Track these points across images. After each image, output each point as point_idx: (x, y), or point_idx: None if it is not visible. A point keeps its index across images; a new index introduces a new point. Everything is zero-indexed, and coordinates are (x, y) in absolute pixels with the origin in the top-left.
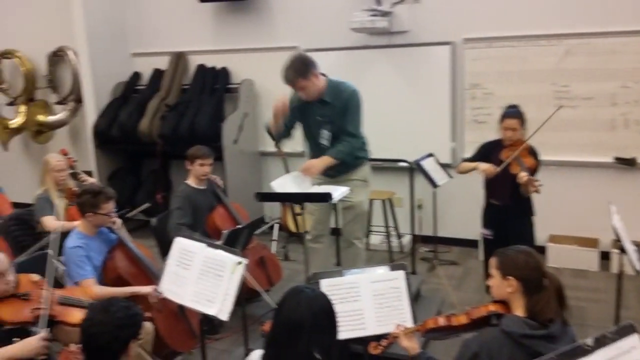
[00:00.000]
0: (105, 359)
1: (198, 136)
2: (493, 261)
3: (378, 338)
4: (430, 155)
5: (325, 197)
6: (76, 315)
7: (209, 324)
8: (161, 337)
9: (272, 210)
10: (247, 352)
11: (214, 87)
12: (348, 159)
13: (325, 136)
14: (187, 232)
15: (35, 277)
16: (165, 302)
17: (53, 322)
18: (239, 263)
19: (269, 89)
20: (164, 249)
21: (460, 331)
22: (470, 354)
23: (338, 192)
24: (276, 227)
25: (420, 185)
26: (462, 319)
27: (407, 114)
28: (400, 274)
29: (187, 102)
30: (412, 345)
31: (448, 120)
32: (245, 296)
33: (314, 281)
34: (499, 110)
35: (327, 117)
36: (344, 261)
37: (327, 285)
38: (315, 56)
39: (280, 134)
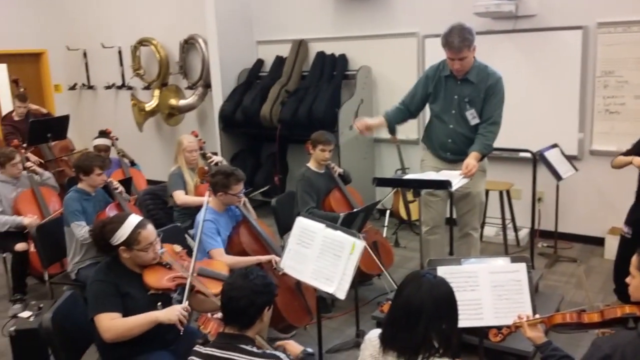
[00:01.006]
0: (241, 321)
1: (315, 122)
2: (635, 260)
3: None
4: (555, 145)
5: (444, 185)
6: (212, 287)
7: (322, 302)
8: (279, 311)
9: (383, 196)
10: (358, 332)
11: (332, 74)
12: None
13: (471, 116)
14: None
15: (178, 247)
16: (283, 277)
17: (190, 291)
18: (357, 244)
19: (385, 76)
20: (282, 228)
21: (588, 328)
22: (601, 355)
23: (456, 180)
24: (387, 213)
25: (541, 177)
26: (594, 317)
27: (532, 102)
28: (522, 267)
29: (306, 88)
30: (537, 334)
31: (576, 110)
32: (358, 279)
33: (430, 268)
34: (634, 100)
35: (467, 97)
36: (457, 251)
37: (444, 273)
38: (435, 42)
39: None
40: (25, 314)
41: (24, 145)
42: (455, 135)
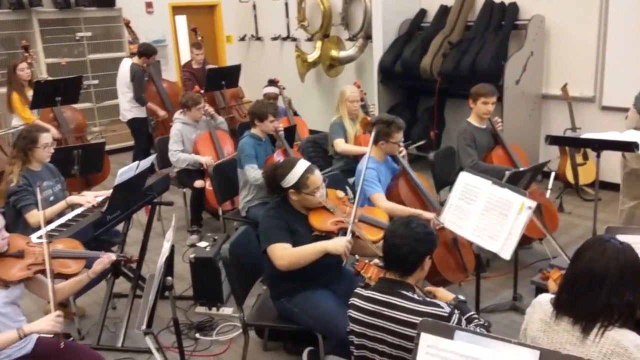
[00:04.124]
0: (402, 268)
1: (478, 75)
2: None
3: None
4: None
5: (630, 146)
6: (372, 233)
7: (477, 261)
8: (434, 264)
9: (548, 157)
10: (515, 296)
11: (499, 24)
12: None
13: None
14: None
15: (340, 193)
16: (441, 232)
17: (352, 236)
18: (526, 204)
19: (560, 27)
20: (439, 183)
21: None
22: None
23: None
24: (552, 175)
25: None
26: None
27: None
28: None
29: (471, 39)
30: None
31: None
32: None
33: (609, 235)
34: None
35: None
36: None
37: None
38: None
39: None
40: (202, 244)
41: (201, 91)
42: None
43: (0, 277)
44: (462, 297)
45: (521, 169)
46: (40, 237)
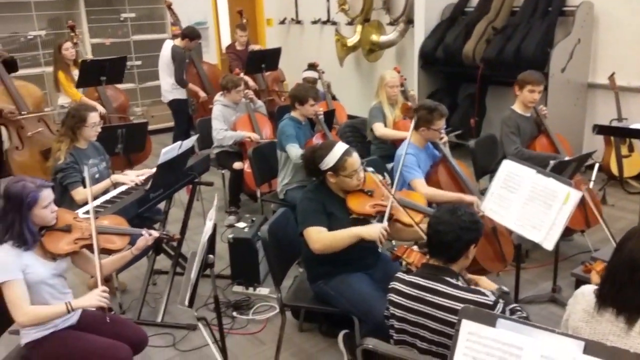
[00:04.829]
0: (447, 254)
1: (523, 62)
2: None
3: None
4: None
5: None
6: (411, 217)
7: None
8: None
9: (592, 147)
10: (555, 288)
11: (546, 9)
12: None
13: None
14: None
15: (379, 177)
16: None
17: (389, 219)
18: (572, 194)
19: (611, 14)
20: (480, 171)
21: None
22: None
23: None
24: (595, 167)
25: None
26: None
27: None
28: None
29: (516, 25)
30: None
31: None
32: None
33: None
34: None
35: None
36: None
37: None
38: None
39: None
40: (241, 224)
41: (242, 74)
42: None
43: (48, 249)
44: (505, 288)
45: (566, 158)
46: (86, 213)
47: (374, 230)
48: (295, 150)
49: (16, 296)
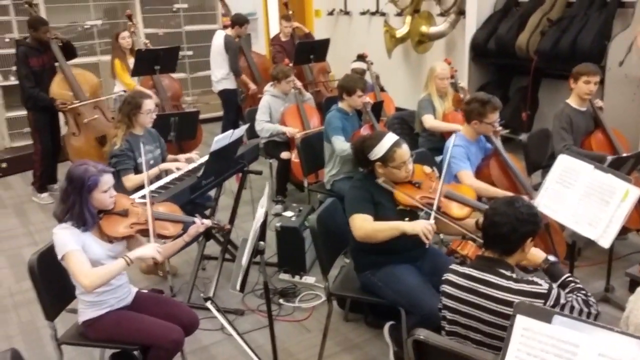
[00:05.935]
0: (502, 247)
1: (579, 55)
2: None
3: None
4: None
5: None
6: (458, 210)
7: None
8: None
9: None
10: (607, 287)
11: (604, 1)
12: None
13: None
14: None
15: (427, 169)
16: None
17: (437, 211)
18: (631, 191)
19: None
20: (532, 165)
21: None
22: None
23: None
24: None
25: None
26: None
27: None
28: None
29: (572, 16)
30: None
31: None
32: None
33: None
34: None
35: None
36: None
37: None
38: None
39: None
40: (288, 213)
41: (290, 65)
42: None
43: (106, 232)
44: (552, 258)
45: (624, 154)
46: (142, 197)
47: (417, 226)
48: (340, 143)
49: (78, 263)
